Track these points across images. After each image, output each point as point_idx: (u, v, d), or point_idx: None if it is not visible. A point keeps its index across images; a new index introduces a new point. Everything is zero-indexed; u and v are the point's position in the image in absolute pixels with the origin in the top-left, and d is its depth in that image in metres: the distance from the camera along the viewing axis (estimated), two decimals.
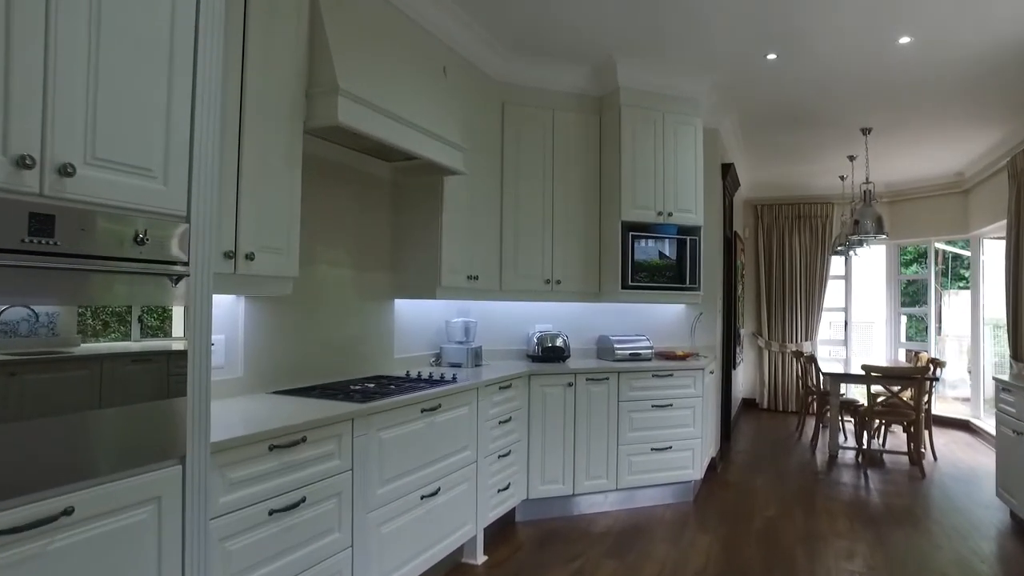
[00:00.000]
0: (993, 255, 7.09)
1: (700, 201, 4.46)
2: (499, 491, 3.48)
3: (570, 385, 3.91)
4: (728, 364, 6.07)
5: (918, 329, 9.89)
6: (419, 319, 3.86)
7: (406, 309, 3.72)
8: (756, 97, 4.74)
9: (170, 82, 1.56)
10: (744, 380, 8.29)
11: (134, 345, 1.50)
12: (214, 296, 2.49)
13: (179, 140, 1.58)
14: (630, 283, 4.22)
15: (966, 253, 10.43)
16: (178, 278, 1.56)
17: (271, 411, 2.24)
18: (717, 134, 5.13)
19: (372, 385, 2.94)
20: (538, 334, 4.29)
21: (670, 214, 4.34)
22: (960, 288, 10.11)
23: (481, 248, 3.91)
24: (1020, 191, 5.12)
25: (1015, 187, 5.20)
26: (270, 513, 1.94)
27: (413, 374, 3.34)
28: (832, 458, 5.71)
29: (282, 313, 2.80)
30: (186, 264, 1.59)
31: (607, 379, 4.00)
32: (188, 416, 1.59)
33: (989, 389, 7.19)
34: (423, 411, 2.76)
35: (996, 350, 7.34)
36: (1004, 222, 6.33)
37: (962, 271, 10.01)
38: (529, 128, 4.24)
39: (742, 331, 8.03)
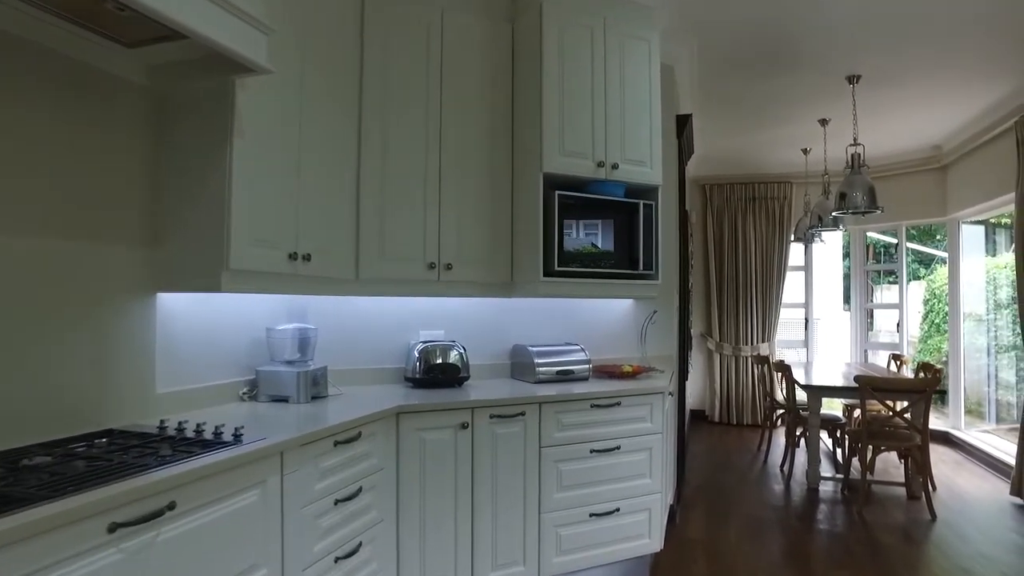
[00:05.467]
0: (972, 241, 6.15)
1: (657, 150, 3.12)
2: None
3: (464, 427, 2.50)
4: (682, 376, 4.82)
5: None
6: (217, 325, 2.36)
7: (191, 309, 2.23)
8: (727, 15, 3.46)
9: None
10: (691, 389, 7.11)
11: None
12: None
13: None
14: (557, 268, 2.85)
15: (893, 241, 9.67)
16: None
17: None
18: (672, 73, 3.84)
19: (49, 458, 1.45)
20: (421, 346, 2.87)
21: (615, 166, 2.99)
22: (891, 283, 9.45)
23: (318, 212, 2.44)
24: None
25: None
26: None
27: (172, 426, 1.85)
28: (812, 491, 4.57)
29: None
30: None
31: (523, 414, 2.62)
32: None
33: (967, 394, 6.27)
34: (122, 525, 1.28)
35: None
36: (988, 203, 5.39)
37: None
38: (404, 36, 2.80)
39: (692, 332, 6.85)
